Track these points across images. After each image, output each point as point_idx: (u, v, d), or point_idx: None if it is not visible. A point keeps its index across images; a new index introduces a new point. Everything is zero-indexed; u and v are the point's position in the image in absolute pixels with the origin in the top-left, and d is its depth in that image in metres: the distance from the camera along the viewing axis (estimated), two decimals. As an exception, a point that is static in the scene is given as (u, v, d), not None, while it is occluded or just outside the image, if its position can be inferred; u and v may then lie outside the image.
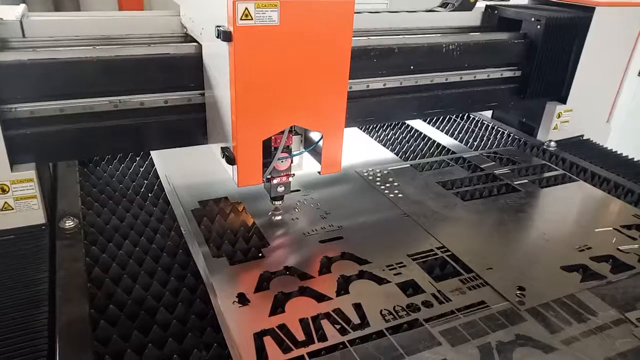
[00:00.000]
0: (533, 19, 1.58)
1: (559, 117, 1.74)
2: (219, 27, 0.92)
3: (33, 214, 1.12)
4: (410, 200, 1.31)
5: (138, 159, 1.46)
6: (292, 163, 1.11)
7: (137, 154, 1.47)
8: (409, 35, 1.58)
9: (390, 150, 1.64)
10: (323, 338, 0.85)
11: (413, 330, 0.87)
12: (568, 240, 1.17)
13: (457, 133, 1.83)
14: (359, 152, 1.61)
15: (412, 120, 1.88)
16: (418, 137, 1.77)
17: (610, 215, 1.31)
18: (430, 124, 1.90)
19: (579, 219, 1.29)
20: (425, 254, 1.09)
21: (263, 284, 0.97)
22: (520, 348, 0.85)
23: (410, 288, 0.98)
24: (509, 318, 0.91)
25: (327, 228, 1.17)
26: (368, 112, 1.44)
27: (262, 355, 0.81)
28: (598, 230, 1.22)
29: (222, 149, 1.06)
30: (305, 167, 1.15)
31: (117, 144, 1.20)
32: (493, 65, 1.60)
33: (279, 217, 1.20)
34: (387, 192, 1.34)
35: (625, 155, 1.69)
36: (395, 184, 1.39)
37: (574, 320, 0.92)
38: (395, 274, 1.01)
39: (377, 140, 1.72)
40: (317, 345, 0.83)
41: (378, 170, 1.47)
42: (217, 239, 1.10)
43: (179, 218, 1.17)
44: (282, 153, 1.07)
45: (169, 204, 1.23)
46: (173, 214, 1.19)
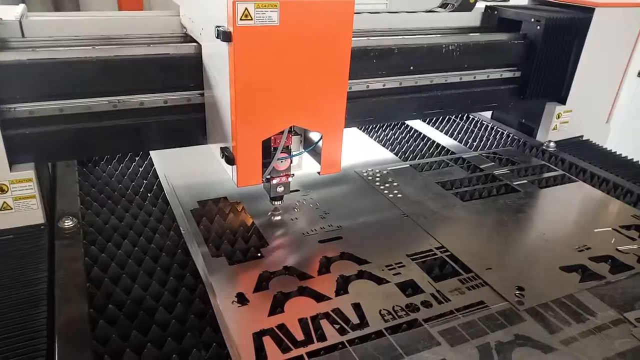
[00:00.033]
0: (533, 20, 1.58)
1: (559, 117, 1.75)
2: (219, 27, 0.92)
3: (32, 214, 1.12)
4: (410, 201, 1.31)
5: (137, 159, 1.46)
6: (291, 163, 1.11)
7: (136, 154, 1.47)
8: (409, 36, 1.58)
9: (390, 151, 1.64)
10: (322, 338, 0.85)
11: (412, 330, 0.87)
12: (567, 241, 1.17)
13: (456, 133, 1.83)
14: (359, 152, 1.61)
15: (411, 121, 1.88)
16: (417, 137, 1.77)
17: (610, 216, 1.32)
18: (430, 125, 1.90)
19: (578, 220, 1.29)
20: (425, 254, 1.09)
21: (262, 284, 0.97)
22: (520, 348, 0.85)
23: (410, 288, 0.98)
24: (508, 318, 0.91)
25: (326, 228, 1.17)
26: (368, 112, 1.44)
27: (261, 355, 0.81)
28: (597, 231, 1.22)
29: (221, 149, 1.06)
30: (305, 167, 1.15)
31: (116, 144, 1.20)
32: (493, 66, 1.60)
33: (279, 217, 1.20)
34: (386, 192, 1.34)
35: (625, 156, 1.69)
36: (395, 184, 1.39)
37: (573, 321, 0.92)
38: (395, 274, 1.01)
39: (376, 141, 1.72)
40: (316, 345, 0.83)
41: (377, 171, 1.47)
42: (216, 239, 1.10)
43: (178, 218, 1.17)
44: (281, 153, 1.07)
45: (168, 204, 1.23)
46: (172, 214, 1.19)
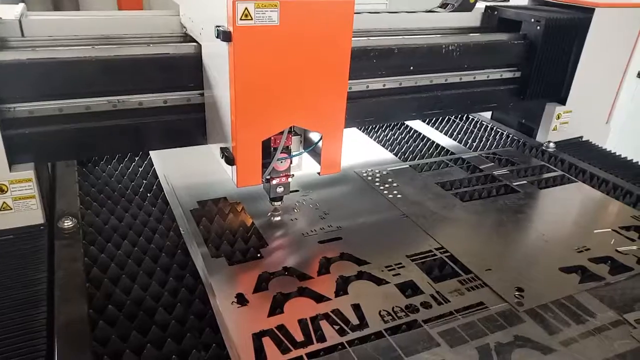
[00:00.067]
0: (533, 20, 1.58)
1: (559, 118, 1.75)
2: (219, 27, 0.91)
3: (32, 214, 1.12)
4: (409, 201, 1.31)
5: (137, 159, 1.46)
6: (291, 164, 1.11)
7: (136, 154, 1.47)
8: (409, 36, 1.58)
9: (390, 151, 1.64)
10: (322, 339, 0.85)
11: (412, 331, 0.87)
12: (567, 242, 1.18)
13: (456, 134, 1.83)
14: (358, 152, 1.61)
15: (411, 121, 1.88)
16: (417, 137, 1.77)
17: (609, 217, 1.32)
18: (430, 125, 1.90)
19: (578, 220, 1.29)
20: (424, 255, 1.09)
21: (262, 285, 0.97)
22: (519, 349, 0.85)
23: (409, 289, 0.98)
24: (508, 319, 0.91)
25: (326, 229, 1.17)
26: (367, 112, 1.44)
27: (260, 356, 0.81)
28: (597, 232, 1.22)
29: (221, 149, 1.06)
30: (305, 167, 1.15)
31: (116, 144, 1.20)
32: (492, 66, 1.60)
33: (278, 217, 1.20)
34: (386, 192, 1.34)
35: (624, 157, 1.69)
36: (395, 185, 1.39)
37: (573, 322, 0.92)
38: (394, 275, 1.01)
39: (376, 141, 1.72)
40: (315, 346, 0.83)
41: (377, 171, 1.47)
42: (216, 239, 1.10)
43: (178, 218, 1.17)
44: (281, 154, 1.07)
45: (168, 204, 1.23)
46: (172, 214, 1.19)
